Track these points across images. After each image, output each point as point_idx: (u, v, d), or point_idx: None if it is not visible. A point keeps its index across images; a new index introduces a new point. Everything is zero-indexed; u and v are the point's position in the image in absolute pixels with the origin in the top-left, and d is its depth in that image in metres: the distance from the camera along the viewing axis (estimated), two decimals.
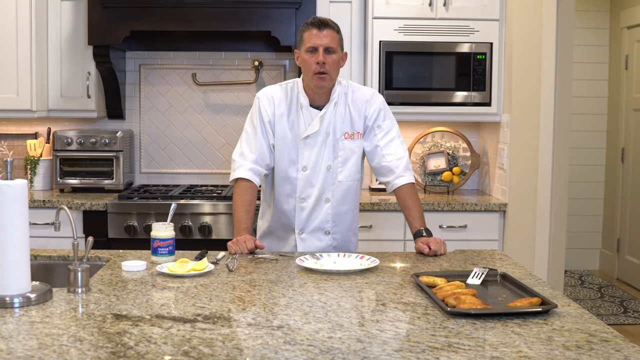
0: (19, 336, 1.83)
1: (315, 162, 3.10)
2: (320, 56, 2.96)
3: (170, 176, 5.09)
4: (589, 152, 7.17)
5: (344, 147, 3.11)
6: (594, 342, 1.81)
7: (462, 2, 4.53)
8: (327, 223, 3.14)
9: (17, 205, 2.11)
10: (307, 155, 3.10)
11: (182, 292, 2.28)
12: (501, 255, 2.93)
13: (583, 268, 7.24)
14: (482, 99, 4.57)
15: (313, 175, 3.11)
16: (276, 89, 3.17)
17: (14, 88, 4.49)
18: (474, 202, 4.42)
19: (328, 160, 3.10)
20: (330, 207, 3.13)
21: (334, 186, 3.12)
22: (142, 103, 5.05)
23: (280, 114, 3.11)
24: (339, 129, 3.10)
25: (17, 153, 5.01)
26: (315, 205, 3.12)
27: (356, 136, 3.12)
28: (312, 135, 3.07)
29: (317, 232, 3.15)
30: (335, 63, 3.00)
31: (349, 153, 3.11)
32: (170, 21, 4.41)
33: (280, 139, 3.11)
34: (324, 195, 3.12)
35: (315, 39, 2.97)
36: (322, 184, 3.11)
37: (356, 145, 3.12)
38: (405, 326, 1.94)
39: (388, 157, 3.10)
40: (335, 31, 3.01)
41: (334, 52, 2.99)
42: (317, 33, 2.97)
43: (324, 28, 2.98)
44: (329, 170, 3.11)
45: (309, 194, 3.12)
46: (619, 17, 6.86)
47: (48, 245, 3.85)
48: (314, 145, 3.09)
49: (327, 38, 2.97)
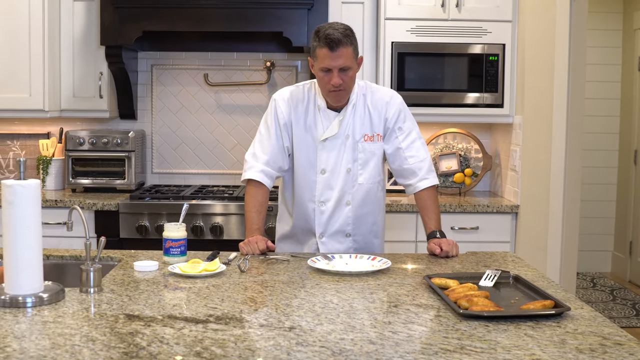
0: (32, 336, 1.83)
1: (335, 164, 3.06)
2: (335, 78, 2.88)
3: (182, 176, 5.10)
4: (602, 154, 7.14)
5: (364, 149, 3.06)
6: (608, 346, 1.80)
7: (475, 3, 4.52)
8: (347, 226, 3.10)
9: (29, 205, 2.12)
10: (326, 158, 3.05)
11: (194, 292, 2.28)
12: (513, 257, 2.91)
13: (595, 270, 7.21)
14: (494, 100, 4.56)
15: (332, 178, 3.07)
16: (293, 91, 3.12)
17: (26, 88, 4.50)
18: (486, 204, 4.40)
19: (347, 163, 3.06)
20: (350, 210, 3.09)
21: (354, 189, 3.08)
22: (154, 103, 5.06)
23: (297, 116, 3.07)
24: (358, 131, 3.05)
25: (30, 153, 5.02)
26: (335, 208, 3.08)
27: (376, 138, 3.07)
28: (331, 137, 3.03)
29: (337, 235, 3.11)
30: (351, 79, 2.93)
31: (369, 155, 3.07)
32: (182, 22, 4.41)
33: (298, 141, 3.07)
34: (344, 198, 3.08)
35: (329, 61, 2.86)
36: (341, 186, 3.06)
37: (376, 147, 3.08)
38: (417, 328, 1.93)
39: (410, 160, 3.07)
40: (348, 45, 2.87)
41: (350, 68, 2.90)
42: (329, 54, 2.84)
43: (336, 48, 2.83)
44: (348, 172, 3.06)
45: (328, 197, 3.08)
46: (632, 19, 6.83)
47: (60, 245, 3.87)
48: (332, 148, 3.04)
49: (341, 58, 2.86)
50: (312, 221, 3.11)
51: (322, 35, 2.86)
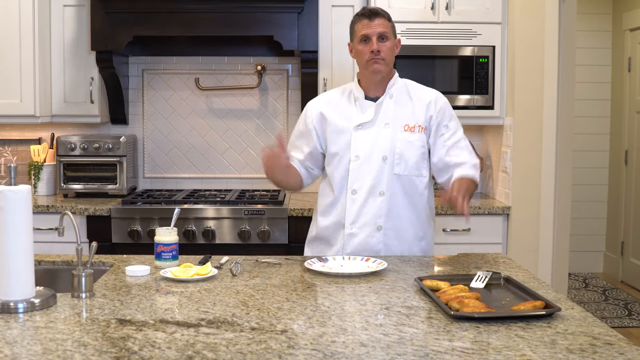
0: (23, 341, 1.83)
1: (370, 151, 2.97)
2: (375, 44, 2.92)
3: (174, 181, 5.10)
4: (592, 154, 7.16)
5: (403, 138, 2.97)
6: (598, 345, 1.81)
7: (465, 5, 4.53)
8: (379, 218, 2.97)
9: (20, 211, 2.12)
10: (360, 144, 2.98)
11: (185, 296, 2.29)
12: (505, 259, 2.92)
13: (587, 271, 7.23)
14: (485, 102, 4.57)
15: (366, 165, 2.97)
16: (328, 92, 3.22)
17: (17, 94, 4.50)
18: (478, 206, 4.41)
19: (384, 150, 2.96)
20: (384, 201, 2.97)
21: (390, 179, 2.97)
22: (145, 108, 5.06)
23: (331, 108, 3.07)
24: (398, 120, 3.00)
25: (21, 158, 5.02)
26: (367, 197, 2.97)
27: (417, 129, 3.00)
28: (366, 124, 2.99)
29: (368, 227, 2.98)
30: (389, 49, 2.96)
31: (407, 145, 2.97)
32: (173, 26, 4.41)
33: (332, 131, 3.04)
34: (378, 187, 2.96)
35: (367, 29, 2.93)
36: (375, 174, 2.96)
37: (416, 138, 2.99)
38: (409, 330, 1.94)
39: (454, 158, 3.00)
40: (386, 19, 2.96)
41: (388, 38, 2.95)
42: (368, 23, 2.93)
43: (374, 17, 2.93)
44: (384, 161, 2.96)
45: (360, 185, 2.98)
46: (622, 20, 6.86)
47: (52, 250, 3.86)
48: (368, 134, 2.98)
49: (380, 26, 2.93)
50: (344, 211, 3.01)
51: (360, 10, 3.00)
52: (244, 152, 5.08)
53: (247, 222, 4.26)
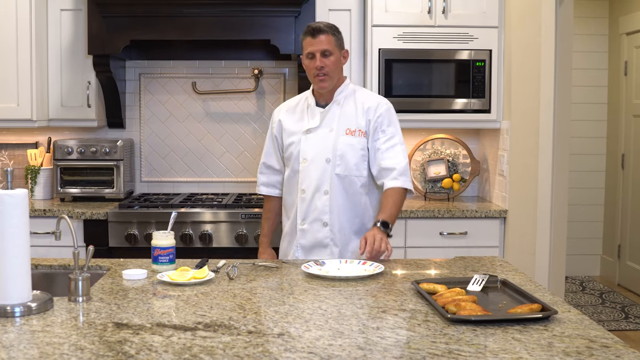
0: (20, 345, 1.83)
1: (315, 154, 3.23)
2: (318, 61, 3.15)
3: (171, 185, 5.10)
4: (589, 158, 7.17)
5: (344, 142, 3.22)
6: (594, 348, 1.81)
7: (461, 9, 4.54)
8: (324, 215, 3.22)
9: (17, 215, 2.12)
10: (308, 148, 3.25)
11: (182, 300, 2.29)
12: (501, 262, 2.93)
13: (584, 274, 7.23)
14: (482, 105, 4.58)
15: (312, 167, 3.23)
16: (290, 100, 3.48)
17: (14, 98, 4.50)
18: (474, 209, 4.42)
19: (327, 153, 3.22)
20: (328, 199, 3.22)
21: (332, 179, 3.22)
22: (142, 112, 5.06)
23: (288, 114, 3.37)
24: (341, 125, 3.25)
25: (18, 163, 5.01)
26: (313, 195, 3.23)
27: (357, 133, 3.23)
28: (314, 129, 3.25)
29: (316, 223, 3.24)
30: (333, 64, 3.19)
31: (347, 148, 3.21)
32: (169, 30, 4.42)
33: (287, 136, 3.33)
34: (322, 186, 3.22)
35: (311, 47, 3.16)
36: (320, 175, 3.22)
37: (356, 141, 3.22)
38: (405, 333, 1.94)
39: (387, 161, 3.20)
40: (330, 34, 3.17)
41: (331, 54, 3.17)
42: (311, 41, 3.16)
43: (317, 34, 3.15)
44: (327, 163, 3.22)
45: (308, 185, 3.24)
46: (618, 23, 6.87)
47: (49, 254, 3.86)
48: (315, 139, 3.24)
49: (322, 43, 3.15)
50: (296, 209, 3.28)
51: (305, 28, 3.23)
52: (241, 155, 5.08)
53: (244, 226, 4.26)
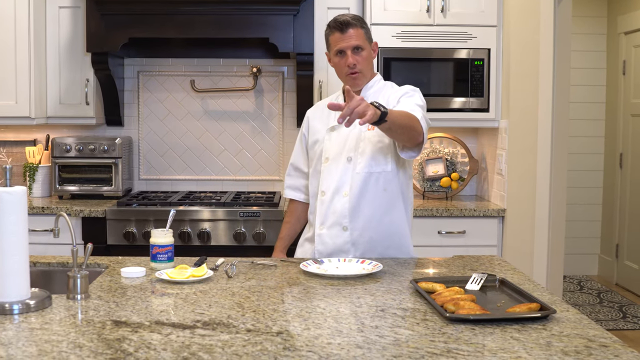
0: (19, 342, 1.83)
1: (337, 153, 3.02)
2: (350, 58, 2.95)
3: (169, 183, 5.10)
4: (587, 157, 7.18)
5: (366, 137, 2.98)
6: (593, 348, 1.81)
7: (460, 8, 4.54)
8: (344, 218, 2.99)
9: (16, 212, 2.11)
10: (330, 146, 3.04)
11: (181, 298, 2.28)
12: (500, 261, 2.93)
13: (582, 273, 7.24)
14: (480, 104, 4.58)
15: (333, 166, 3.02)
16: (325, 98, 3.35)
17: (12, 95, 4.49)
18: (473, 208, 4.42)
19: (349, 151, 2.99)
20: (347, 202, 2.98)
21: (352, 179, 2.98)
22: (140, 110, 5.06)
23: (315, 115, 3.19)
24: None
25: (16, 160, 5.01)
26: (332, 198, 3.00)
27: None
28: (337, 126, 3.03)
29: (334, 228, 3.00)
30: (365, 60, 2.99)
31: (368, 144, 2.97)
32: (168, 28, 4.42)
33: (313, 134, 3.15)
34: (342, 188, 2.98)
35: (341, 42, 2.95)
36: (340, 175, 2.99)
37: (380, 134, 2.91)
38: (404, 332, 1.94)
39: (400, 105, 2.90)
40: (359, 27, 2.96)
41: (363, 49, 2.97)
42: (340, 36, 2.95)
43: (346, 29, 2.94)
44: (349, 161, 2.99)
45: (328, 186, 3.02)
46: (616, 23, 6.87)
47: (47, 252, 3.85)
48: (338, 137, 3.03)
49: (352, 38, 2.94)
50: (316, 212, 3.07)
51: (331, 22, 3.00)
52: (239, 154, 5.08)
53: (242, 224, 4.26)
